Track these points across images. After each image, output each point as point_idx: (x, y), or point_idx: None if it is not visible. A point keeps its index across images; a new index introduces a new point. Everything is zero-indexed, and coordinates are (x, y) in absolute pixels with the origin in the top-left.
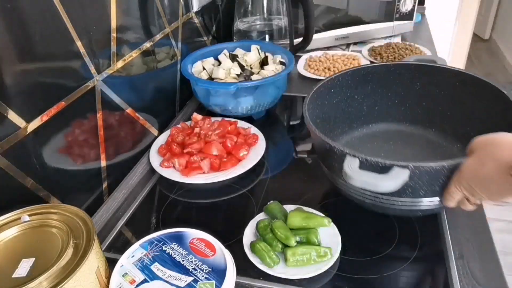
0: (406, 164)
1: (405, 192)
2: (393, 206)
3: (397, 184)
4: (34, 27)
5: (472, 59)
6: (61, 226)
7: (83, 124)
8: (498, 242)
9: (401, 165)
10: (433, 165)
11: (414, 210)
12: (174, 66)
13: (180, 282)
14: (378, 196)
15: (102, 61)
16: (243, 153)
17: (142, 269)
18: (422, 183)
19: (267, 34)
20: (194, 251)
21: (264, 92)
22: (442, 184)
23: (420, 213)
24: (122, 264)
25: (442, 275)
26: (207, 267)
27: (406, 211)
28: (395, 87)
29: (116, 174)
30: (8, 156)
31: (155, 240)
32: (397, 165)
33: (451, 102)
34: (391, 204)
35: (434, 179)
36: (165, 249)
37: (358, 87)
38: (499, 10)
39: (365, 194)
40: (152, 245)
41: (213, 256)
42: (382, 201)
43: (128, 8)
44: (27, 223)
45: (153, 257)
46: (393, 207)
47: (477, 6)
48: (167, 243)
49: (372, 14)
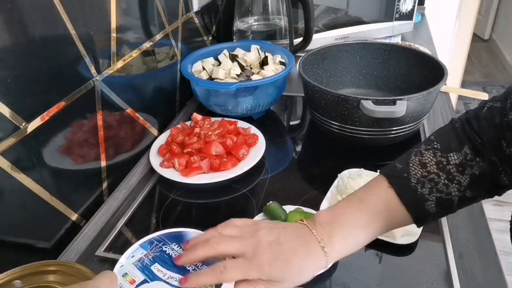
0: (402, 97)
1: (397, 121)
2: (384, 136)
3: (403, 110)
4: (34, 27)
5: (472, 59)
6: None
7: (83, 124)
8: (498, 242)
9: (400, 98)
10: (419, 94)
11: (400, 136)
12: (174, 66)
13: None
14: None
15: (102, 61)
16: (243, 153)
17: (142, 269)
18: (409, 111)
19: (267, 34)
20: None
21: (264, 92)
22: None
23: (402, 138)
24: (122, 264)
25: (442, 275)
26: (207, 267)
27: (393, 137)
28: (343, 61)
29: (116, 174)
30: (8, 156)
31: (155, 240)
32: (398, 99)
33: (382, 66)
34: (382, 135)
35: (416, 106)
36: (165, 250)
37: (320, 62)
38: (499, 10)
39: (368, 130)
40: (152, 245)
41: None
42: (376, 133)
43: (128, 8)
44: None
45: (153, 257)
46: (384, 136)
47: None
48: (167, 243)
49: (372, 14)
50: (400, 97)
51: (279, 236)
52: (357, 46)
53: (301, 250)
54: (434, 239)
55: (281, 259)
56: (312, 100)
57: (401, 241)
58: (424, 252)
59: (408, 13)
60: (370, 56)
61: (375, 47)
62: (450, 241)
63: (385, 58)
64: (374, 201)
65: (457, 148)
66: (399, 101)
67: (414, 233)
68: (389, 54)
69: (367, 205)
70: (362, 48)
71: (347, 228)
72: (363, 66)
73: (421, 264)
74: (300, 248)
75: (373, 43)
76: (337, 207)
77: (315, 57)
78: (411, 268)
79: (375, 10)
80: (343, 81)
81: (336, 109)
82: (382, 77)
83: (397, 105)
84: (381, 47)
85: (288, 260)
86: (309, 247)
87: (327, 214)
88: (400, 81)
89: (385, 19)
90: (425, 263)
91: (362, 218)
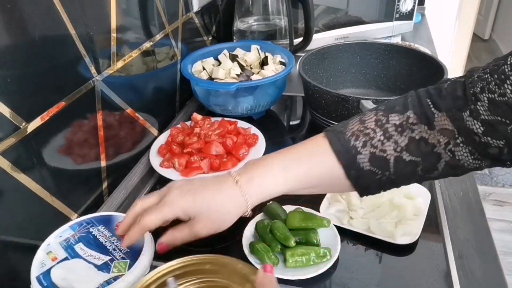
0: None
1: None
2: None
3: None
4: (34, 27)
5: (472, 59)
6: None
7: (83, 124)
8: (498, 242)
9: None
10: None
11: None
12: (174, 66)
13: (98, 261)
14: None
15: (102, 61)
16: (243, 153)
17: (66, 248)
18: None
19: (267, 34)
20: None
21: (264, 92)
22: None
23: None
24: (48, 243)
25: (442, 275)
26: (126, 248)
27: None
28: (343, 61)
29: (116, 174)
30: (8, 156)
31: (85, 222)
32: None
33: (382, 66)
34: None
35: None
36: (92, 231)
37: (320, 62)
38: (499, 10)
39: None
40: (81, 226)
41: None
42: None
43: (128, 8)
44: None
45: (79, 237)
46: None
47: (477, 6)
48: (95, 225)
49: (372, 14)
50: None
51: (192, 180)
52: (357, 46)
53: (212, 185)
54: (434, 239)
55: (191, 193)
56: (312, 100)
57: (401, 241)
58: (424, 252)
59: (408, 13)
60: (370, 56)
61: (375, 47)
62: (450, 241)
63: (385, 58)
64: (302, 148)
65: (401, 111)
66: None
67: (414, 233)
68: (389, 54)
69: (295, 151)
70: (362, 48)
71: (267, 167)
72: (363, 66)
73: (421, 264)
74: (212, 184)
75: (373, 43)
76: (268, 154)
77: (315, 57)
78: (411, 268)
79: (375, 10)
80: (343, 81)
81: (336, 109)
82: (382, 77)
83: None
84: (381, 47)
85: (199, 193)
86: (222, 183)
87: (255, 159)
88: (400, 81)
89: (385, 19)
90: (425, 263)
91: (284, 161)
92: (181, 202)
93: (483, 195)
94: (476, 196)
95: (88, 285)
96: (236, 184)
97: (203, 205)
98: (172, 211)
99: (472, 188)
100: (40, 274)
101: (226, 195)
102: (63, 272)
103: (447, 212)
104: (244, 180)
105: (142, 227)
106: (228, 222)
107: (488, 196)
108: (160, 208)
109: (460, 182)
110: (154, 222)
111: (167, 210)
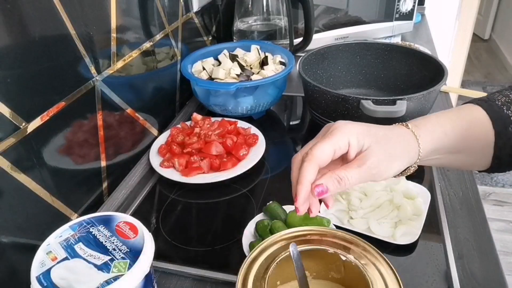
0: (402, 97)
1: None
2: None
3: (403, 110)
4: (34, 27)
5: (472, 59)
6: None
7: (83, 124)
8: (498, 242)
9: (400, 98)
10: (419, 94)
11: None
12: (174, 66)
13: (98, 261)
14: None
15: (102, 61)
16: (243, 153)
17: (66, 248)
18: (409, 111)
19: (267, 34)
20: (118, 233)
21: (264, 92)
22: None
23: None
24: (48, 243)
25: (442, 275)
26: (126, 248)
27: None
28: (343, 61)
29: (116, 174)
30: (8, 156)
31: (85, 222)
32: (398, 99)
33: (382, 66)
34: None
35: (416, 106)
36: (92, 231)
37: (320, 62)
38: (499, 10)
39: None
40: (81, 226)
41: (134, 238)
42: None
43: (128, 8)
44: None
45: (79, 237)
46: None
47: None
48: (95, 225)
49: (372, 14)
50: (400, 97)
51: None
52: (357, 46)
53: (387, 127)
54: (434, 239)
55: (362, 124)
56: (312, 100)
57: (401, 241)
58: (424, 252)
59: (408, 13)
60: (370, 56)
61: (375, 47)
62: (450, 241)
63: (385, 58)
64: (456, 112)
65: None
66: (399, 101)
67: (414, 233)
68: (389, 54)
69: (452, 114)
70: (362, 48)
71: (432, 118)
72: (363, 66)
73: (421, 264)
74: (386, 127)
75: (373, 43)
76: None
77: (315, 57)
78: (411, 268)
79: (375, 10)
80: (343, 81)
81: (336, 109)
82: (382, 77)
83: (397, 105)
84: (381, 47)
85: (372, 126)
86: (397, 128)
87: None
88: (400, 81)
89: (385, 19)
90: (425, 263)
91: (445, 119)
92: (355, 127)
93: (483, 195)
94: (476, 196)
95: (88, 285)
96: (407, 127)
97: (379, 133)
98: (345, 136)
99: (472, 188)
100: (40, 274)
101: (400, 134)
102: (63, 272)
103: (447, 212)
104: (414, 125)
105: (314, 160)
106: (395, 168)
107: (488, 196)
108: (329, 136)
109: (460, 182)
110: (327, 152)
111: (340, 135)
